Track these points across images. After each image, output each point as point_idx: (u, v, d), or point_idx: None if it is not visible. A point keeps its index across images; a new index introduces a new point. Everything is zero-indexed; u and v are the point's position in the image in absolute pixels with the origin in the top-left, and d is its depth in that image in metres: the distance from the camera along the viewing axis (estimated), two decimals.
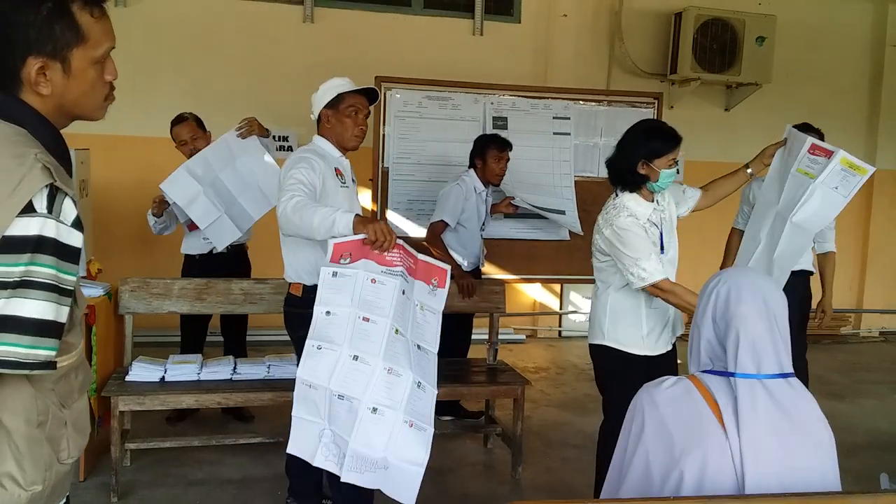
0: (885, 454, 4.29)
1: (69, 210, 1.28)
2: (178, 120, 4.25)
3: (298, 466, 3.23)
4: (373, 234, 2.46)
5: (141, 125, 5.78)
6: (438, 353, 4.39)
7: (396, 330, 2.49)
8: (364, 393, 2.42)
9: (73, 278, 1.31)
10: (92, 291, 3.64)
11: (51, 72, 1.35)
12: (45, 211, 1.25)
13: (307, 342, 2.50)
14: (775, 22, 6.63)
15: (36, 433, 1.34)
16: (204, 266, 4.24)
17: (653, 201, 2.96)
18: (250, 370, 3.70)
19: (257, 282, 3.95)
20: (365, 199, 4.83)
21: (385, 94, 4.98)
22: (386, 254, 2.53)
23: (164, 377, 3.58)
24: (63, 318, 1.30)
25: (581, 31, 6.68)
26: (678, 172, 2.96)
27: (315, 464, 2.52)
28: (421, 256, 2.66)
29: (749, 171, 3.31)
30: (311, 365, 2.48)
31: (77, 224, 1.30)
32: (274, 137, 4.32)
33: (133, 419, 3.88)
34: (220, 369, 3.68)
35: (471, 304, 4.12)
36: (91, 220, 4.31)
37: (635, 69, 6.78)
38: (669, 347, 3.04)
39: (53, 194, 1.26)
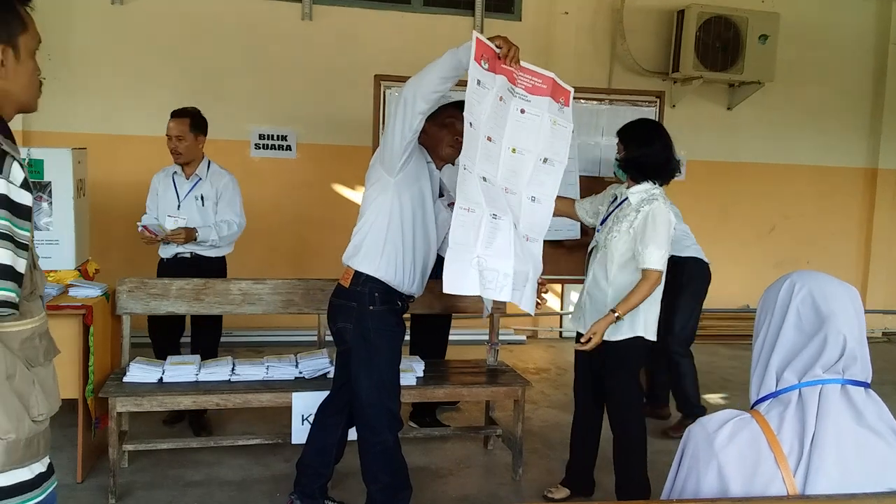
0: None
1: (17, 172, 1.41)
2: (174, 113, 4.17)
3: (310, 465, 3.21)
4: (504, 42, 2.58)
5: (138, 124, 5.75)
6: (421, 356, 4.30)
7: (513, 149, 2.72)
8: (505, 210, 2.64)
9: (27, 234, 1.44)
10: (90, 292, 3.63)
11: (6, 57, 1.50)
12: None
13: (460, 163, 2.60)
14: (778, 20, 6.60)
15: (5, 385, 1.46)
16: (174, 269, 4.15)
17: (627, 188, 3.25)
18: (249, 371, 3.67)
19: (256, 282, 3.92)
20: None
21: (384, 92, 4.94)
22: (514, 71, 2.64)
23: (161, 378, 3.56)
24: (21, 268, 1.42)
25: (582, 29, 6.65)
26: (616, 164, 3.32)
27: (478, 293, 2.61)
28: (549, 73, 2.76)
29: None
30: (464, 189, 2.56)
31: (25, 185, 1.43)
32: (273, 136, 4.26)
33: (131, 420, 3.86)
34: (218, 370, 3.65)
35: (471, 303, 4.09)
36: (89, 219, 4.28)
37: (637, 67, 6.75)
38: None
39: (2, 159, 1.39)
